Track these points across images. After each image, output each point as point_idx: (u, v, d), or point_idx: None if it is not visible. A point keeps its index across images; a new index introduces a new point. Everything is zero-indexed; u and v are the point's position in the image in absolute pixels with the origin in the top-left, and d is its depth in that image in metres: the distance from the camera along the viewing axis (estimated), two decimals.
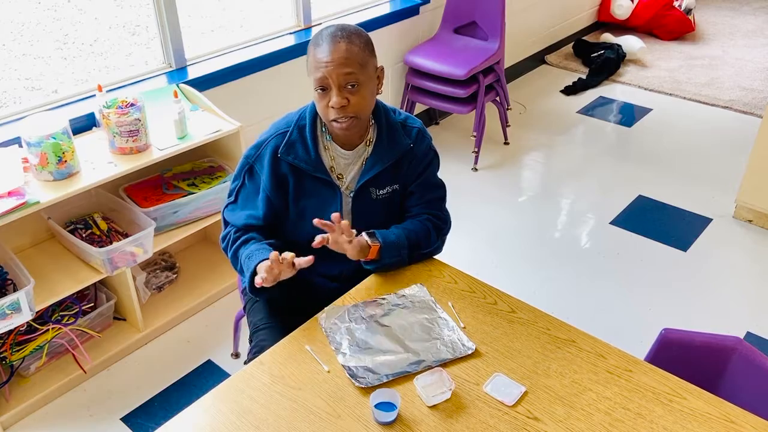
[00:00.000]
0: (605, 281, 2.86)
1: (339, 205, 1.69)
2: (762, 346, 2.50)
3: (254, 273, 1.56)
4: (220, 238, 1.75)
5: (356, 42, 1.53)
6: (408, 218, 1.76)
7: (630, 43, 4.90)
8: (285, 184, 1.66)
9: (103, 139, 2.33)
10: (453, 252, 1.76)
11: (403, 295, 1.61)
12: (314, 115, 1.65)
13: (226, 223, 1.75)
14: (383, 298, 1.60)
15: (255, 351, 1.62)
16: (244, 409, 1.34)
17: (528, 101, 4.40)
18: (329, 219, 1.67)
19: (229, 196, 1.76)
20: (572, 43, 5.08)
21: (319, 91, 1.55)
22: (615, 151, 3.87)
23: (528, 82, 4.68)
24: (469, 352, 1.45)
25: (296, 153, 1.64)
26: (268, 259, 1.49)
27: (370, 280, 1.68)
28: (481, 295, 1.63)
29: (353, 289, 1.65)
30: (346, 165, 1.68)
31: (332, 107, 1.54)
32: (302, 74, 3.13)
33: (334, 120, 1.56)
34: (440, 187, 1.79)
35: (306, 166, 1.64)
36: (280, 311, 1.79)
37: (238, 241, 1.68)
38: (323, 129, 1.66)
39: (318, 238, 1.51)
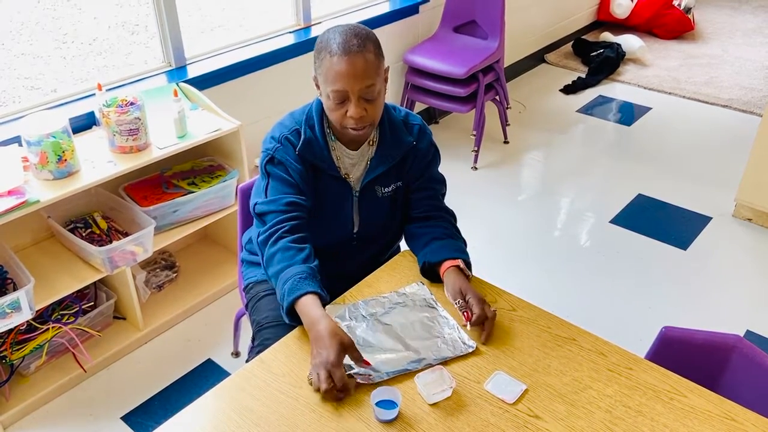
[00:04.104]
0: (605, 279, 2.87)
1: (350, 203, 1.70)
2: (762, 344, 2.50)
3: (295, 299, 1.46)
4: (260, 231, 1.59)
5: (371, 48, 1.52)
6: (417, 218, 1.75)
7: (629, 42, 4.91)
8: (310, 177, 1.65)
9: (102, 138, 2.33)
10: None
11: (404, 293, 1.61)
12: (320, 114, 1.65)
13: (264, 216, 1.60)
14: (384, 297, 1.60)
15: (259, 349, 1.62)
16: (245, 408, 1.34)
17: (528, 100, 4.40)
18: (344, 215, 1.70)
19: (258, 195, 1.66)
20: (572, 42, 5.08)
21: (335, 100, 1.52)
22: (614, 150, 3.88)
23: (527, 81, 4.68)
24: (470, 350, 1.45)
25: (313, 151, 1.63)
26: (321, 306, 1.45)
27: (371, 279, 1.68)
28: (481, 293, 1.63)
29: (354, 287, 1.65)
30: (351, 165, 1.69)
31: (351, 117, 1.53)
32: (302, 73, 3.14)
33: (353, 128, 1.55)
34: (442, 183, 1.80)
35: (323, 164, 1.64)
36: None
37: (282, 243, 1.54)
38: (328, 129, 1.66)
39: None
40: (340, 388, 1.33)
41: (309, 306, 1.44)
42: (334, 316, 1.54)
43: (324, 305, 1.46)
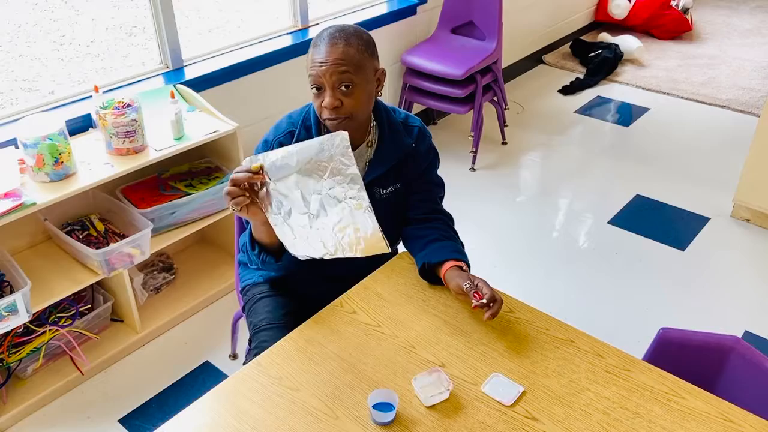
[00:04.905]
0: (603, 281, 2.86)
1: None
2: (760, 345, 2.50)
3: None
4: (243, 242, 1.66)
5: (354, 43, 1.52)
6: (414, 220, 1.75)
7: (627, 42, 4.91)
8: None
9: (99, 140, 2.32)
10: None
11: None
12: (317, 115, 1.66)
13: (247, 224, 1.66)
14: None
15: (256, 352, 1.62)
16: (242, 411, 1.34)
17: (526, 101, 4.40)
18: None
19: None
20: (570, 43, 5.08)
21: (314, 90, 1.55)
22: (613, 151, 3.87)
23: (526, 81, 4.68)
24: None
25: None
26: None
27: (368, 281, 1.67)
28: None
29: (351, 289, 1.65)
30: None
31: (325, 107, 1.54)
32: (300, 74, 3.13)
33: (327, 119, 1.57)
34: (440, 186, 1.80)
35: None
36: (281, 312, 1.78)
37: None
38: (325, 130, 1.66)
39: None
40: (240, 177, 1.41)
41: None
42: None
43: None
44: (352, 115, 1.57)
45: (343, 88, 1.52)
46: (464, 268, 1.61)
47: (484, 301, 1.47)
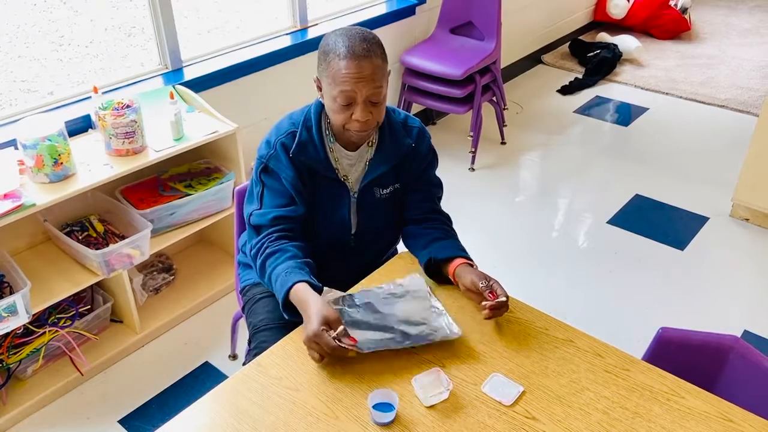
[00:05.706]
0: (603, 280, 2.87)
1: (347, 204, 1.70)
2: (759, 344, 2.50)
3: (288, 292, 1.51)
4: (251, 246, 1.65)
5: (379, 53, 1.53)
6: (413, 220, 1.76)
7: (626, 42, 4.91)
8: (303, 180, 1.66)
9: (99, 141, 2.33)
10: None
11: (401, 285, 1.60)
12: (319, 115, 1.66)
13: (257, 229, 1.65)
14: (380, 287, 1.60)
15: (255, 352, 1.62)
16: (242, 411, 1.34)
17: (524, 101, 4.40)
18: (340, 216, 1.69)
19: (252, 203, 1.69)
20: (568, 43, 5.09)
21: (341, 103, 1.53)
22: (612, 151, 3.88)
23: (524, 81, 4.68)
24: (454, 336, 1.46)
25: (308, 153, 1.64)
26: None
27: (368, 281, 1.67)
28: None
29: (351, 289, 1.64)
30: (349, 166, 1.69)
31: (357, 120, 1.54)
32: (299, 75, 3.14)
33: (356, 131, 1.57)
34: (439, 186, 1.81)
35: (318, 166, 1.65)
36: (280, 312, 1.78)
37: (269, 249, 1.59)
38: (327, 131, 1.67)
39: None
40: (332, 352, 1.37)
41: (300, 293, 1.48)
42: (327, 297, 1.54)
43: (317, 292, 1.49)
44: (377, 123, 1.60)
45: (374, 99, 1.53)
46: (474, 266, 1.62)
47: (503, 299, 1.49)
